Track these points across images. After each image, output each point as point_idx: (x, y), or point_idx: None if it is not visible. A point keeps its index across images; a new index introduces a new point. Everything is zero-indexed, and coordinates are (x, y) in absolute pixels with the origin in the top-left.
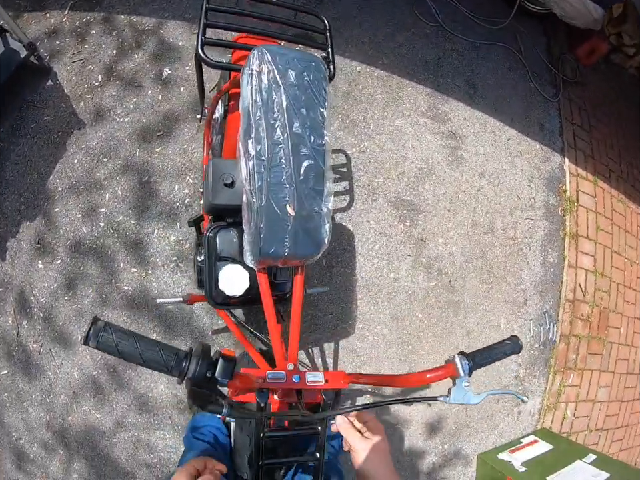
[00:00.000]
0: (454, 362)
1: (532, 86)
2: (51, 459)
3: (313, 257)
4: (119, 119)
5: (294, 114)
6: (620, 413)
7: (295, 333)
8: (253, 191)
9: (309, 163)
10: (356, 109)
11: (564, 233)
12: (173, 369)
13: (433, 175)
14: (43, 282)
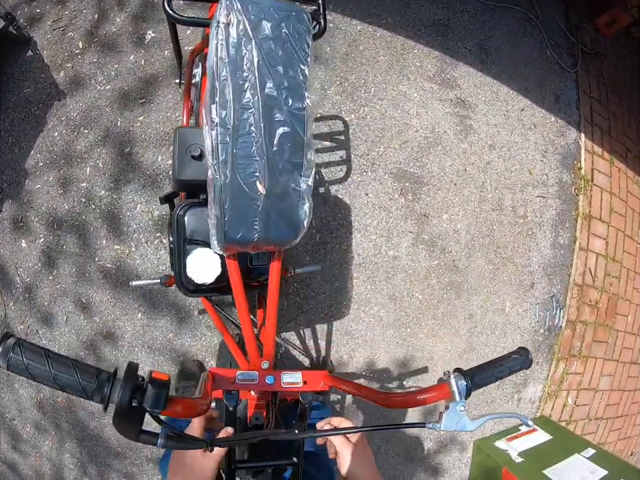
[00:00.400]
0: (449, 383)
1: (548, 54)
2: (44, 439)
3: (290, 241)
4: (99, 87)
5: (267, 72)
6: (621, 403)
7: (271, 326)
8: (216, 165)
9: (284, 130)
10: (355, 71)
11: (576, 213)
12: (94, 395)
13: (439, 145)
14: (27, 261)
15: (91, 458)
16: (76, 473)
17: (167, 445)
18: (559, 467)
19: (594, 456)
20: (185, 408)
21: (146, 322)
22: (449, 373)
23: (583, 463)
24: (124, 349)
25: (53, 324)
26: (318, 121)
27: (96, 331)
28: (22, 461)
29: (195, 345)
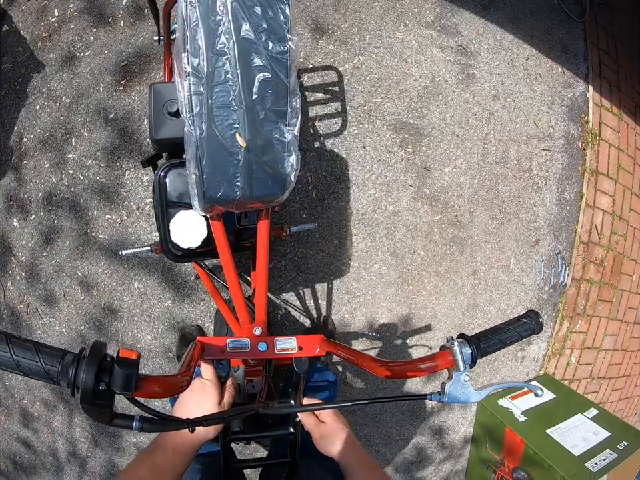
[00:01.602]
0: (452, 350)
1: (555, 1)
2: (54, 415)
3: (276, 197)
4: (79, 54)
5: (243, 14)
6: (623, 363)
7: (262, 289)
8: (191, 118)
9: (264, 76)
10: (349, 19)
11: (583, 168)
12: (60, 379)
13: (440, 95)
14: (20, 240)
15: (101, 430)
16: (88, 446)
17: (143, 428)
18: (561, 426)
19: (596, 416)
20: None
21: (143, 291)
22: (452, 339)
23: (586, 423)
24: (123, 320)
25: (52, 301)
26: (310, 72)
27: (94, 304)
28: (35, 438)
29: (193, 311)
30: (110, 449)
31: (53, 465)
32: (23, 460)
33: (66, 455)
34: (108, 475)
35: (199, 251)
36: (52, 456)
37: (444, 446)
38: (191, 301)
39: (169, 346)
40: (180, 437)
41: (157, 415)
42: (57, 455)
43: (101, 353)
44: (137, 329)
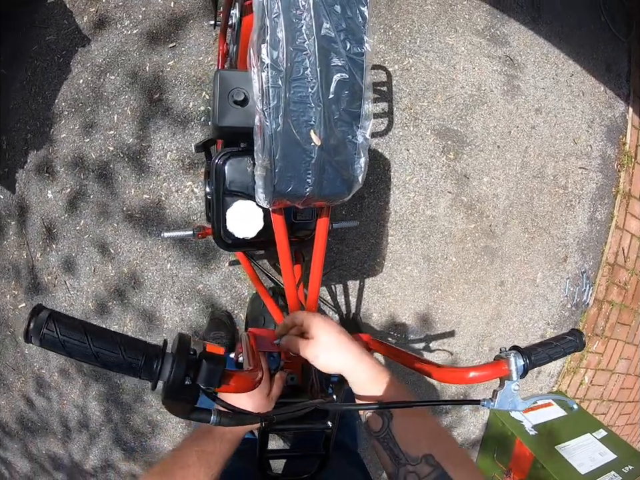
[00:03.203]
0: (507, 360)
1: (603, 20)
2: (71, 387)
3: (342, 197)
4: (126, 32)
5: (324, 11)
6: (634, 388)
7: (315, 286)
8: (267, 111)
9: (342, 76)
10: (401, 19)
11: (616, 190)
12: (141, 372)
13: (485, 104)
14: (53, 212)
15: (117, 405)
16: (101, 419)
17: (220, 422)
18: (570, 444)
19: (605, 438)
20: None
21: (175, 272)
22: (506, 350)
23: (594, 443)
24: (152, 300)
25: (80, 274)
26: None
27: (124, 281)
28: (48, 406)
29: (224, 297)
30: (122, 424)
31: (63, 434)
32: (34, 427)
33: (78, 426)
34: (118, 449)
35: (251, 242)
36: (63, 425)
37: None
38: (223, 286)
39: (195, 329)
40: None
41: (232, 409)
42: (68, 425)
43: (188, 347)
44: (165, 310)
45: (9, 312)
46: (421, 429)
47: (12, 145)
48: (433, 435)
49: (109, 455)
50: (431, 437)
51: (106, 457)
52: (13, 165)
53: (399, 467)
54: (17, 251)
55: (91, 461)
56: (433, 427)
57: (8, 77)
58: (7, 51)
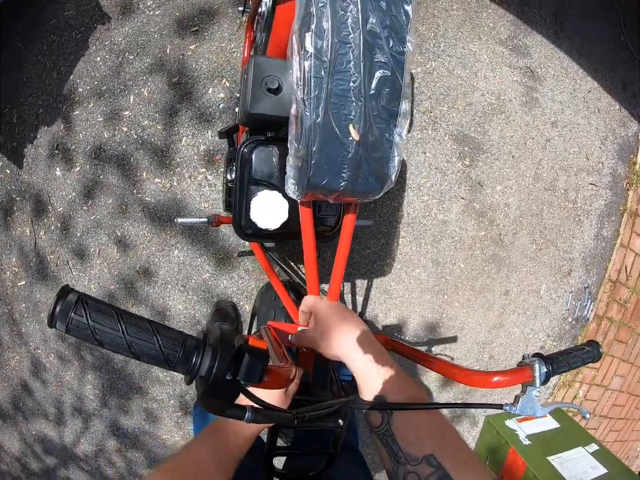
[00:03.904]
0: (532, 367)
1: (622, 39)
2: (66, 369)
3: (374, 194)
4: (148, 12)
5: (371, 6)
6: (626, 405)
7: (337, 282)
8: (307, 100)
9: (384, 73)
10: (427, 22)
11: (624, 208)
12: (178, 365)
13: (503, 113)
14: (61, 190)
15: (113, 391)
16: (96, 404)
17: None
18: (563, 456)
19: (596, 452)
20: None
21: (182, 260)
22: (529, 356)
23: (586, 457)
24: (157, 286)
25: (84, 256)
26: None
27: (129, 265)
28: (42, 388)
29: (230, 288)
30: (118, 410)
31: (56, 417)
32: (26, 408)
33: (71, 410)
34: (111, 435)
35: (272, 233)
36: (57, 408)
37: None
38: (230, 277)
39: (198, 319)
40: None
41: (265, 406)
42: (62, 408)
43: (232, 342)
44: (169, 297)
45: (7, 289)
46: (423, 426)
47: (22, 119)
48: (437, 434)
49: (101, 440)
50: (433, 436)
51: (98, 443)
52: (22, 140)
53: (398, 466)
54: (20, 228)
55: (83, 446)
56: (437, 424)
57: (23, 49)
58: (23, 24)
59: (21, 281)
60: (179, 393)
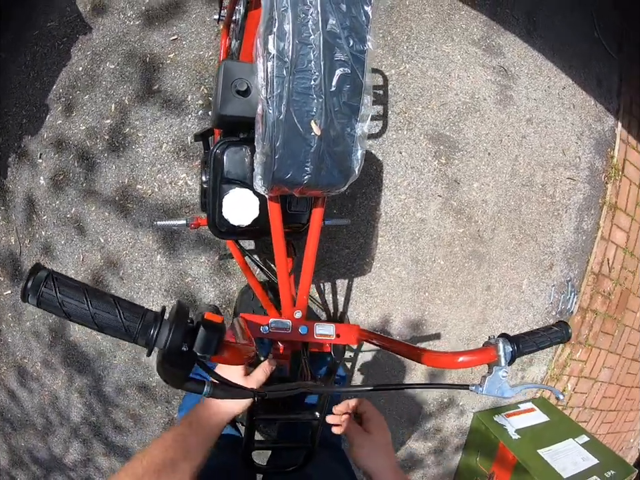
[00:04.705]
0: (496, 346)
1: (596, 36)
2: (53, 377)
3: (338, 187)
4: (128, 22)
5: (330, 8)
6: (616, 397)
7: (307, 276)
8: (270, 99)
9: (344, 71)
10: (400, 25)
11: (603, 201)
12: (138, 337)
13: (477, 112)
14: (45, 199)
15: (99, 398)
16: (83, 412)
17: (213, 393)
18: (552, 448)
19: (587, 443)
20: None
21: (164, 264)
22: (495, 337)
23: (576, 448)
24: (140, 291)
25: (68, 263)
26: None
27: (113, 271)
28: (28, 397)
29: (213, 291)
30: (105, 417)
31: (43, 426)
32: (13, 418)
33: (59, 419)
34: (98, 443)
35: (244, 230)
36: (43, 417)
37: (435, 454)
38: (212, 281)
39: None
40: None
41: (225, 382)
42: (48, 417)
43: (187, 314)
44: (152, 302)
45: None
46: None
47: (6, 129)
48: None
49: (89, 449)
50: None
51: (86, 451)
52: (6, 149)
53: None
54: (4, 237)
55: (71, 455)
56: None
57: (7, 60)
58: (7, 34)
59: (6, 290)
60: (165, 397)
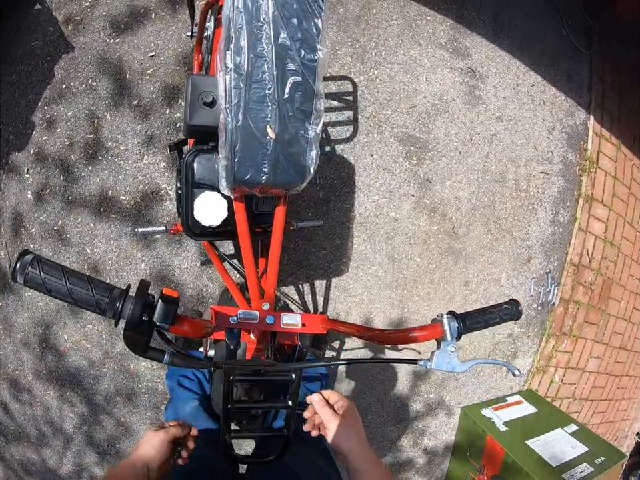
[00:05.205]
0: (441, 322)
1: (564, 33)
2: (45, 388)
3: (296, 185)
4: (109, 40)
5: (282, 23)
6: (606, 386)
7: (273, 269)
8: (229, 108)
9: (295, 79)
10: (367, 33)
11: (578, 193)
12: (106, 309)
13: (447, 112)
14: (32, 213)
15: (90, 406)
16: (75, 422)
17: (172, 362)
18: (541, 439)
19: (576, 432)
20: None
21: (149, 272)
22: (442, 314)
23: (565, 437)
24: None
25: None
26: (327, 80)
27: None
28: (20, 409)
29: (195, 296)
30: (97, 427)
31: (35, 437)
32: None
33: (52, 430)
34: (92, 454)
35: (217, 231)
36: (36, 428)
37: (425, 451)
38: (195, 286)
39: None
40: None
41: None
42: (40, 428)
43: (147, 289)
44: None
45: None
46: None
47: None
48: None
49: (81, 458)
50: None
51: (79, 461)
52: None
53: None
54: None
55: (64, 466)
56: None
57: None
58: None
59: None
60: (154, 403)
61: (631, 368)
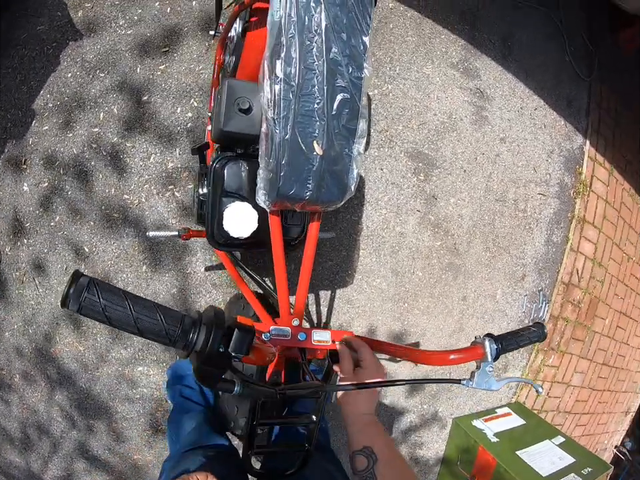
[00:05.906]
0: (483, 345)
1: (567, 60)
2: (33, 390)
3: (336, 203)
4: (120, 31)
5: (333, 37)
6: (589, 400)
7: (304, 285)
8: (277, 120)
9: (344, 96)
10: (383, 47)
11: (572, 215)
12: (177, 341)
13: (455, 131)
14: (27, 206)
15: (81, 411)
16: (64, 426)
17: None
18: (530, 450)
19: (563, 444)
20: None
21: (150, 275)
22: (481, 336)
23: (553, 449)
24: None
25: (50, 272)
26: None
27: None
28: (7, 411)
29: (198, 302)
30: (86, 431)
31: (22, 441)
32: None
33: (38, 433)
34: (80, 458)
35: (242, 242)
36: (22, 432)
37: (417, 461)
38: (197, 292)
39: None
40: None
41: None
42: (27, 431)
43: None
44: None
45: None
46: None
47: None
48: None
49: (70, 464)
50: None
51: (67, 466)
52: None
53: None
54: None
55: (52, 471)
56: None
57: None
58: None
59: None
60: (149, 410)
61: (612, 383)
